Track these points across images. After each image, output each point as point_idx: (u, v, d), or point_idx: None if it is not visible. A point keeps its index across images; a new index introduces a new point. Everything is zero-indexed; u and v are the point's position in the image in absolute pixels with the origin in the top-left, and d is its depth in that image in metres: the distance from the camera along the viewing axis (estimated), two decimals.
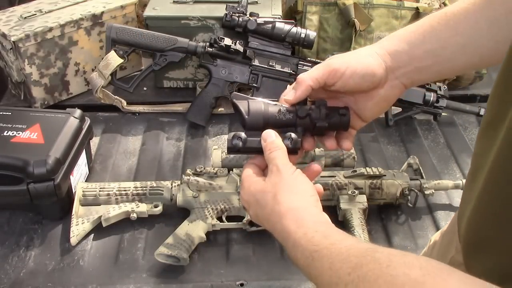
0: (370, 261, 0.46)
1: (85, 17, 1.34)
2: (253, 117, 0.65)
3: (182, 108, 1.34)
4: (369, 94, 0.66)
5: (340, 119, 0.67)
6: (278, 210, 0.59)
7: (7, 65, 1.34)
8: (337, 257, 0.50)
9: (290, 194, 0.60)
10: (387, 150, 1.23)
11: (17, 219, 1.02)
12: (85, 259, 0.94)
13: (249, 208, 0.65)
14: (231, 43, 1.25)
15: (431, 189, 1.03)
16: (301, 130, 0.67)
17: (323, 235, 0.54)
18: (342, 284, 0.47)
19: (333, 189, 1.01)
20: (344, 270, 0.47)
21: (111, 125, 1.31)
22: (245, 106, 0.65)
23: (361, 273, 0.45)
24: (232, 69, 1.28)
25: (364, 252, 0.48)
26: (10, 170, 0.96)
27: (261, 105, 0.65)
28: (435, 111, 1.30)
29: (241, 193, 0.66)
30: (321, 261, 0.51)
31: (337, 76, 0.63)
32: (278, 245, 0.97)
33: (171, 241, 0.92)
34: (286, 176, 0.61)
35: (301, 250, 0.55)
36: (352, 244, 0.51)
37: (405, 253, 0.45)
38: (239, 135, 0.65)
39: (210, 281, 0.90)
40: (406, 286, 0.41)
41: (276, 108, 0.65)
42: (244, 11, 1.27)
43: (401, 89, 0.66)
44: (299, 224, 0.57)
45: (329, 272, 0.49)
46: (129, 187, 1.02)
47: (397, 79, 0.65)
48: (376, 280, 0.43)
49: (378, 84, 0.64)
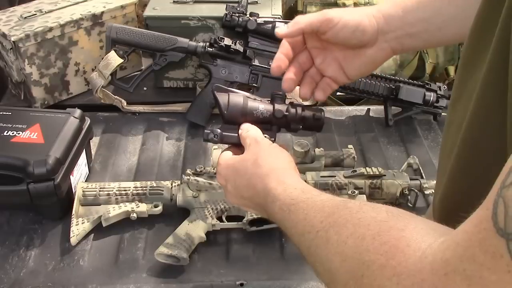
0: (342, 209, 0.48)
1: (85, 17, 1.34)
2: (231, 112, 0.68)
3: (182, 108, 1.34)
4: (358, 53, 0.69)
5: (314, 122, 0.72)
6: (260, 172, 0.62)
7: (7, 65, 1.34)
8: (312, 209, 0.52)
9: (270, 157, 0.63)
10: (387, 150, 1.23)
11: (17, 219, 1.02)
12: (85, 259, 0.94)
13: (226, 184, 0.67)
14: (231, 43, 1.25)
15: (431, 189, 1.03)
16: (276, 128, 0.72)
17: (301, 190, 0.57)
18: (314, 231, 0.49)
19: (333, 189, 1.01)
20: (317, 219, 0.49)
21: (111, 125, 1.31)
22: (225, 100, 0.68)
23: (332, 220, 0.47)
24: (232, 69, 1.28)
25: (337, 204, 0.50)
26: (10, 170, 0.96)
27: (240, 100, 0.68)
28: (435, 111, 1.30)
29: (218, 170, 0.69)
30: (297, 213, 0.54)
31: (329, 26, 0.67)
32: (278, 245, 0.97)
33: (171, 241, 0.92)
34: (265, 146, 0.65)
35: (279, 204, 0.57)
36: (328, 198, 0.53)
37: (375, 204, 0.48)
38: (214, 131, 0.70)
39: (210, 281, 0.90)
40: (371, 226, 0.43)
41: (255, 105, 0.69)
42: (244, 11, 1.27)
43: (389, 54, 0.70)
44: (279, 182, 0.60)
45: (303, 222, 0.52)
46: (129, 187, 1.02)
47: (387, 42, 0.68)
48: (345, 224, 0.46)
49: (367, 43, 0.68)
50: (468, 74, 0.49)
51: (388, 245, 0.41)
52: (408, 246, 0.39)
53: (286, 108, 0.71)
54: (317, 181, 1.01)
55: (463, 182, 0.49)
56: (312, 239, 0.49)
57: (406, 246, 0.39)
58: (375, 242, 0.42)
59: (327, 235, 0.47)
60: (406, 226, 0.42)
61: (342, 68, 0.71)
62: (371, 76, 1.29)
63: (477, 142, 0.45)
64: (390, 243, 0.41)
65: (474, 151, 0.46)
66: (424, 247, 0.38)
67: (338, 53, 0.71)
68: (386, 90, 1.28)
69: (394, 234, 0.41)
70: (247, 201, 0.66)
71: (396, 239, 0.41)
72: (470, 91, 0.48)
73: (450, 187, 0.51)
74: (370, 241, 0.42)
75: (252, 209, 0.69)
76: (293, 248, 0.96)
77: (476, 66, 0.47)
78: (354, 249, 0.43)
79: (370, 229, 0.43)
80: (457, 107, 0.51)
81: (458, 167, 0.49)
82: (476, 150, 0.46)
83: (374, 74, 1.29)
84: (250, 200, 0.65)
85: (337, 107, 1.41)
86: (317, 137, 1.27)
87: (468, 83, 0.49)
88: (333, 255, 0.45)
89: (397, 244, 0.40)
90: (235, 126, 0.69)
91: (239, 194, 0.66)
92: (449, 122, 0.55)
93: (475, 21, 0.49)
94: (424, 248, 0.38)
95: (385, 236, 0.41)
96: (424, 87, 1.28)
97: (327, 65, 0.72)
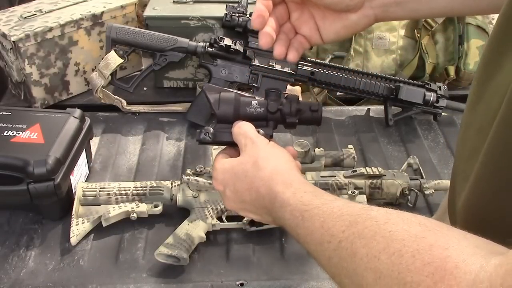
0: (366, 219, 0.45)
1: (85, 17, 1.34)
2: (223, 110, 0.66)
3: (182, 108, 1.34)
4: (340, 16, 0.65)
5: (312, 114, 0.68)
6: (262, 175, 0.58)
7: (7, 65, 1.34)
8: (329, 216, 0.48)
9: (271, 158, 0.60)
10: (387, 150, 1.23)
11: (17, 219, 1.02)
12: (85, 259, 0.94)
13: (225, 189, 0.64)
14: (231, 43, 1.25)
15: (431, 189, 1.03)
16: (272, 124, 0.68)
17: (313, 194, 0.53)
18: (336, 241, 0.46)
19: (333, 189, 1.01)
20: (337, 228, 0.46)
21: (111, 125, 1.31)
22: (216, 100, 0.66)
23: (357, 230, 0.44)
24: (232, 69, 1.28)
25: (358, 211, 0.47)
26: (10, 170, 0.96)
27: (232, 96, 0.66)
28: (435, 111, 1.30)
29: (214, 176, 0.65)
30: (312, 220, 0.50)
31: None
32: (278, 245, 0.97)
33: (171, 241, 0.92)
34: (262, 146, 0.61)
35: (290, 209, 0.54)
36: (345, 204, 0.50)
37: (401, 211, 0.44)
38: (207, 130, 0.67)
39: (210, 281, 0.90)
40: (405, 241, 0.40)
41: (247, 100, 0.66)
42: (244, 11, 1.27)
43: (371, 21, 0.66)
44: (287, 185, 0.56)
45: (320, 231, 0.48)
46: (129, 187, 1.02)
47: (372, 9, 0.65)
48: (374, 237, 0.42)
49: (353, 8, 0.64)
50: (489, 76, 0.48)
51: (433, 266, 0.37)
52: (457, 268, 0.36)
53: (280, 102, 0.68)
54: (317, 181, 1.01)
55: (491, 188, 0.47)
56: (334, 250, 0.46)
57: (455, 267, 0.36)
58: (416, 261, 0.38)
59: (353, 247, 0.44)
60: (448, 244, 0.38)
61: (318, 28, 0.67)
62: (371, 76, 1.29)
63: (509, 148, 0.43)
64: (435, 263, 0.38)
65: (505, 157, 0.44)
66: (475, 270, 0.36)
67: (316, 12, 0.66)
68: (386, 90, 1.28)
69: (438, 253, 0.38)
70: (248, 205, 0.63)
71: (441, 259, 0.37)
72: (492, 93, 0.46)
73: (476, 192, 0.49)
74: (409, 260, 0.39)
75: (252, 214, 0.64)
76: (293, 248, 0.96)
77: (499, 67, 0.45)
78: (390, 266, 0.40)
79: (406, 245, 0.40)
80: (477, 109, 0.49)
81: (485, 172, 0.47)
82: (508, 156, 0.43)
83: (374, 74, 1.29)
84: (252, 204, 0.62)
85: (337, 107, 1.41)
86: (317, 137, 1.27)
87: (490, 84, 0.47)
88: (364, 271, 0.42)
89: (444, 265, 0.37)
90: (229, 125, 0.67)
91: (239, 198, 0.63)
92: (467, 124, 0.52)
93: (498, 21, 0.47)
94: (476, 271, 0.35)
95: (427, 255, 0.38)
96: (424, 87, 1.28)
97: (303, 22, 0.67)
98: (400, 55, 1.44)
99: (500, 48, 0.47)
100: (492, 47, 0.49)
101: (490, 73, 0.48)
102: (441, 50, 1.45)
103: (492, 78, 0.47)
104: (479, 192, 0.49)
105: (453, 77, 1.43)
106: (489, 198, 0.47)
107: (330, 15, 0.65)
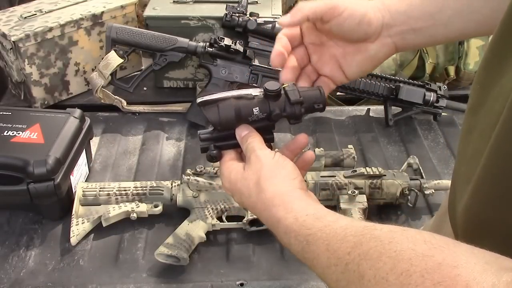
0: (370, 239, 0.44)
1: (85, 17, 1.34)
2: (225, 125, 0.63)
3: (182, 108, 1.34)
4: (359, 48, 0.65)
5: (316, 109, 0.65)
6: (263, 198, 0.58)
7: (7, 65, 1.34)
8: (333, 238, 0.48)
9: (272, 179, 0.59)
10: (387, 150, 1.23)
11: (17, 219, 1.02)
12: (85, 259, 0.94)
13: (233, 196, 0.64)
14: (231, 43, 1.25)
15: (431, 189, 1.03)
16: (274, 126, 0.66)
17: (315, 217, 0.53)
18: (342, 264, 0.45)
19: (333, 189, 1.01)
20: (343, 250, 0.46)
21: (111, 125, 1.31)
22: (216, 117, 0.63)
23: (362, 251, 0.44)
24: (232, 69, 1.28)
25: (361, 231, 0.46)
26: (10, 170, 0.96)
27: (232, 112, 0.63)
28: (435, 111, 1.30)
29: (222, 181, 0.65)
30: (316, 244, 0.50)
31: (334, 14, 0.63)
32: (278, 245, 0.97)
33: (171, 241, 0.92)
34: (266, 162, 0.61)
35: (294, 235, 0.53)
36: (347, 224, 0.49)
37: (405, 228, 0.44)
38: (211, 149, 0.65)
39: (210, 281, 0.90)
40: (413, 260, 0.39)
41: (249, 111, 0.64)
42: (244, 11, 1.27)
43: (392, 50, 0.66)
44: (288, 210, 0.56)
45: (326, 254, 0.48)
46: (129, 187, 1.02)
47: (390, 37, 0.65)
48: (380, 257, 0.42)
49: (371, 36, 0.64)
50: (492, 79, 0.47)
51: (443, 285, 0.37)
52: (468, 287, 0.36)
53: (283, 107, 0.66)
54: (317, 181, 1.01)
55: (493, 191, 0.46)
56: (341, 272, 0.45)
57: (465, 287, 0.36)
58: (425, 281, 0.38)
59: (360, 269, 0.43)
60: (457, 262, 0.38)
61: (341, 67, 0.67)
62: (371, 76, 1.29)
63: None
64: (445, 283, 0.37)
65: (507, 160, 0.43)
66: None
67: (336, 50, 0.67)
68: (386, 90, 1.28)
69: (447, 272, 0.37)
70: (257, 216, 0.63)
71: (451, 279, 0.37)
72: (495, 96, 0.46)
73: (477, 195, 0.49)
74: (419, 280, 0.38)
75: None
76: None
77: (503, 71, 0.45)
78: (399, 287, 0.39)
79: (414, 265, 0.39)
80: (480, 112, 0.49)
81: (487, 175, 0.47)
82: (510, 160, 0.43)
83: (374, 74, 1.29)
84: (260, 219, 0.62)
85: (337, 107, 1.41)
86: (317, 137, 1.27)
87: (493, 88, 0.47)
88: None
89: (454, 285, 0.36)
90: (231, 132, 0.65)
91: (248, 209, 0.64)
92: (468, 128, 0.52)
93: (501, 25, 0.47)
94: None
95: (436, 275, 0.37)
96: (424, 87, 1.28)
97: (324, 63, 0.68)
98: (400, 55, 1.44)
99: (503, 51, 0.46)
100: (495, 50, 0.48)
101: (493, 77, 0.47)
102: (441, 50, 1.45)
103: (495, 81, 0.46)
104: (480, 195, 0.49)
105: (453, 77, 1.43)
106: (490, 202, 0.47)
107: (350, 50, 0.66)
